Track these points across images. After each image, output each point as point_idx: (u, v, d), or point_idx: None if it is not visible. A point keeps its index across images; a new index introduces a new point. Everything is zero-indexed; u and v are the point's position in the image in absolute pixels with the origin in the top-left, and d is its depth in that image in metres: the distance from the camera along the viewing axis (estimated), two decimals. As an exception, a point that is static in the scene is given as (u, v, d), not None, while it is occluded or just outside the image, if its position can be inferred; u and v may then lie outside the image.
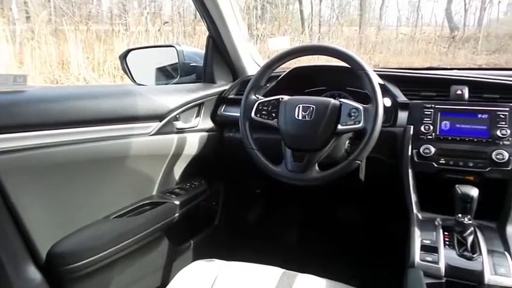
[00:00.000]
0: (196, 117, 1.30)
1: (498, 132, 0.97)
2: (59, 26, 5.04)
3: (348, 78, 1.15)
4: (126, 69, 1.49)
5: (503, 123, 0.98)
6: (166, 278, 1.23)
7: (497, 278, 0.77)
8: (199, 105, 1.31)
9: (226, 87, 1.41)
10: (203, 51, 1.42)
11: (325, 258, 1.28)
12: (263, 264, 0.95)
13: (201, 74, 1.43)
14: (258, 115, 1.07)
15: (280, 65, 1.09)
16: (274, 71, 1.13)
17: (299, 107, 1.02)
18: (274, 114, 1.05)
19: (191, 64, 1.45)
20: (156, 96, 1.16)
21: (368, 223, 1.64)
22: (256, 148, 1.05)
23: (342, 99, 1.02)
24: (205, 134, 1.33)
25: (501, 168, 0.95)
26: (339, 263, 1.23)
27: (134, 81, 1.49)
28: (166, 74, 1.54)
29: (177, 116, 1.20)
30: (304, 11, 6.82)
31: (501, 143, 0.96)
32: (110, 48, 4.99)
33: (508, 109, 0.99)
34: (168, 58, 1.48)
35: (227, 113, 1.36)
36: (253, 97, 1.09)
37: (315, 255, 1.34)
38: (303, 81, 1.29)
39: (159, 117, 1.14)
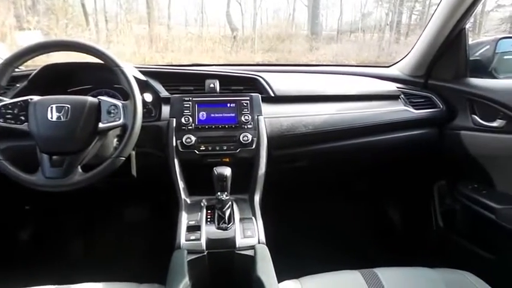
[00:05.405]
0: None
1: (243, 118, 1.16)
2: None
3: (111, 76, 1.14)
4: None
5: (246, 110, 1.18)
6: None
7: (245, 240, 0.93)
8: None
9: None
10: None
11: (108, 261, 1.25)
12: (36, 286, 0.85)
13: None
14: (1, 120, 0.93)
15: (25, 61, 0.97)
16: (25, 70, 1.01)
17: (52, 107, 0.94)
18: (23, 118, 0.94)
19: None
20: None
21: (151, 216, 1.68)
22: (3, 158, 0.92)
23: (100, 97, 1.00)
24: None
25: (247, 148, 1.14)
26: (121, 263, 1.22)
27: None
28: None
29: None
30: (86, 5, 6.28)
31: (246, 126, 1.16)
32: None
33: (248, 98, 1.20)
34: None
35: None
36: None
37: (99, 261, 1.28)
38: (64, 80, 1.19)
39: None
